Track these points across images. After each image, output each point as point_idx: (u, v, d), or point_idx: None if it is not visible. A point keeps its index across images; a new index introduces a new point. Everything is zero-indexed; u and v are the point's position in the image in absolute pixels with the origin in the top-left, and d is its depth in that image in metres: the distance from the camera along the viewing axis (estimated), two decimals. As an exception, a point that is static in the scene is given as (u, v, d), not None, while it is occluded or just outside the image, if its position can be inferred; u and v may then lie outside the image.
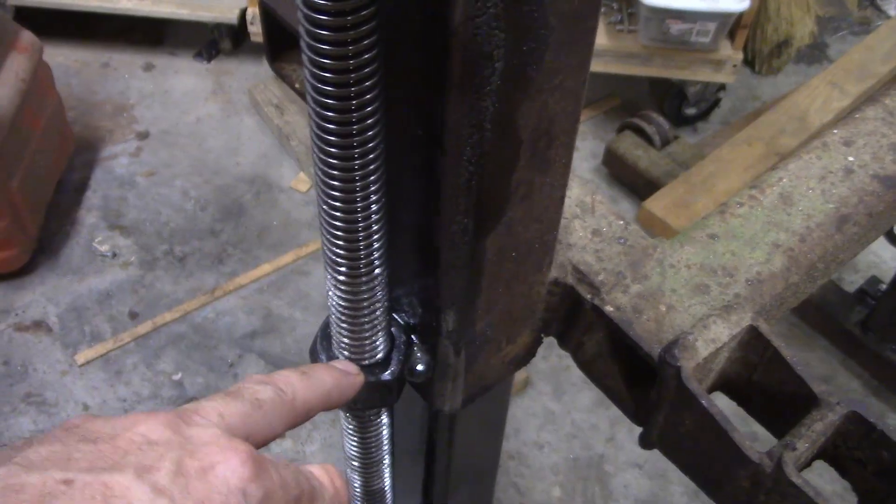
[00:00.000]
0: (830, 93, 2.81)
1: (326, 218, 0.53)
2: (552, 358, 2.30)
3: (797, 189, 0.72)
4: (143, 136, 2.84)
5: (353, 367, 0.66)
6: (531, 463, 2.15)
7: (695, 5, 2.47)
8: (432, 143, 0.50)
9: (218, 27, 2.98)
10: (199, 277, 2.49)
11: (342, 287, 0.57)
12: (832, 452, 0.62)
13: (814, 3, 3.04)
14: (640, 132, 2.68)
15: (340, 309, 0.59)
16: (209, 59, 3.06)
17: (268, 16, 0.80)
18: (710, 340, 0.62)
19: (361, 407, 0.69)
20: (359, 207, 0.51)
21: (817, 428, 0.59)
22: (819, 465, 0.65)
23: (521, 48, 0.45)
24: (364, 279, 0.56)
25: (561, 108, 0.51)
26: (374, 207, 0.51)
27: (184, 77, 3.03)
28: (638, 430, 0.71)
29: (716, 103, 2.88)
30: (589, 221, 0.68)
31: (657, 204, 2.43)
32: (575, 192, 0.70)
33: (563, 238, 0.67)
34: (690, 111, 2.85)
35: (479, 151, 0.49)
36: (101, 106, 2.91)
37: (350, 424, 0.71)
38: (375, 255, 0.55)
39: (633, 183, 2.68)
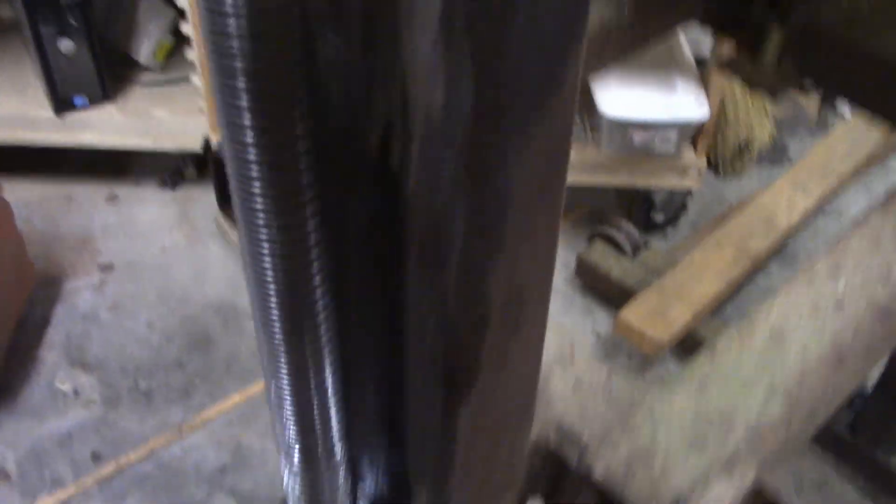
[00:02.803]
0: (794, 193, 2.83)
1: (278, 403, 0.47)
2: None
3: (787, 325, 0.67)
4: (107, 268, 2.78)
5: None
6: None
7: (656, 116, 2.50)
8: (393, 317, 0.46)
9: (182, 156, 2.97)
10: (166, 412, 2.39)
11: (299, 475, 0.51)
12: None
13: (771, 107, 3.10)
14: (610, 241, 2.67)
15: (299, 497, 0.53)
16: (174, 187, 3.04)
17: (219, 165, 0.76)
18: (712, 502, 0.56)
19: None
20: (313, 393, 0.45)
21: None
22: None
23: (484, 217, 0.41)
24: (323, 465, 0.50)
25: (532, 272, 0.47)
26: (329, 390, 0.46)
27: (148, 206, 2.99)
28: None
29: (683, 208, 2.89)
30: (569, 372, 0.63)
31: (633, 314, 2.39)
32: (551, 341, 0.65)
33: (542, 393, 0.62)
34: (659, 217, 2.85)
35: (444, 324, 0.44)
36: (63, 240, 2.86)
37: None
38: (334, 440, 0.49)
39: (607, 292, 2.65)
